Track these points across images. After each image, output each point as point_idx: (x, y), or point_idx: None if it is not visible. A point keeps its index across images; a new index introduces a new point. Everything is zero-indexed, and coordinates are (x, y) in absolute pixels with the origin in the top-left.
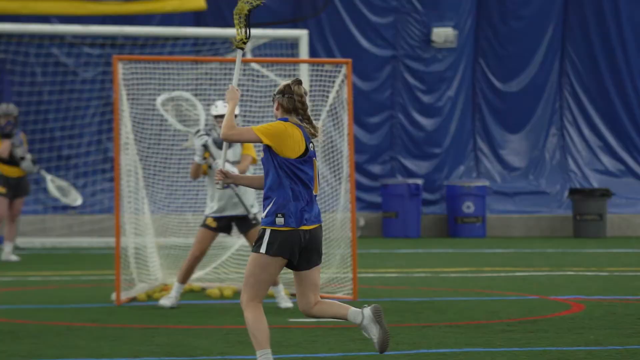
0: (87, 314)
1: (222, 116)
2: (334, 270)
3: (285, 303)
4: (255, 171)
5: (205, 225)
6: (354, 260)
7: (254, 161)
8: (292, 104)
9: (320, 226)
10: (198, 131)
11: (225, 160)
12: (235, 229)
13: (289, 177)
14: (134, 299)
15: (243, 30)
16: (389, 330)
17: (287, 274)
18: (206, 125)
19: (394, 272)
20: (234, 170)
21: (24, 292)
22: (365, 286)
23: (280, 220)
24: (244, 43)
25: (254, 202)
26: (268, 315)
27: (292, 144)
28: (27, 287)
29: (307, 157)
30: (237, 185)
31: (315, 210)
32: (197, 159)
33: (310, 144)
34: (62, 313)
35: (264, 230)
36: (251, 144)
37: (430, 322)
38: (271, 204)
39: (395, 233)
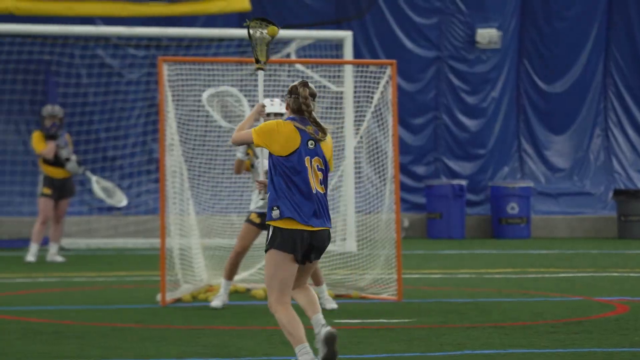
0: (132, 315)
1: (268, 114)
2: (379, 271)
3: (330, 304)
4: None
5: (248, 221)
6: (399, 261)
7: None
8: (297, 104)
9: (327, 230)
10: None
11: (263, 169)
12: None
13: (281, 174)
14: (178, 300)
15: (265, 53)
16: (336, 354)
17: (330, 274)
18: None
19: (438, 273)
20: None
21: (69, 293)
22: (409, 287)
23: (276, 212)
24: (265, 64)
25: None
26: None
27: (282, 142)
28: (72, 287)
29: (295, 154)
30: None
31: (319, 211)
32: (239, 155)
33: (309, 142)
34: (107, 314)
35: (269, 227)
36: None
37: (475, 323)
38: (270, 200)
39: (439, 234)
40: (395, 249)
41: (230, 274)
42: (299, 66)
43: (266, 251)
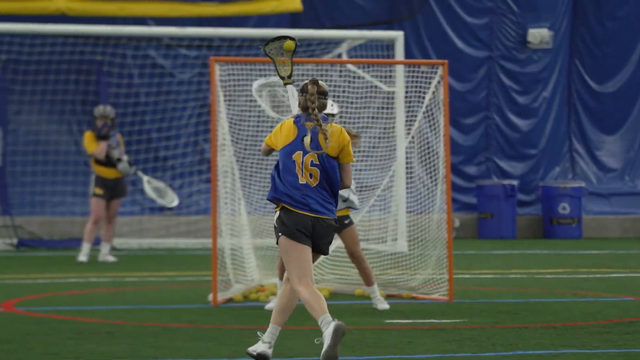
0: (184, 315)
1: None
2: (430, 271)
3: (382, 305)
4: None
5: None
6: (450, 262)
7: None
8: (305, 102)
9: (327, 219)
10: None
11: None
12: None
13: (278, 166)
14: (230, 300)
15: (288, 68)
16: (337, 351)
17: (381, 274)
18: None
19: (489, 273)
20: None
21: (121, 292)
22: (460, 287)
23: (270, 193)
24: (290, 77)
25: (348, 194)
26: (364, 316)
27: (280, 137)
28: (124, 287)
29: (288, 147)
30: None
31: (310, 202)
32: None
33: (305, 137)
34: (159, 314)
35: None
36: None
37: (526, 323)
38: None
39: (490, 234)
40: (446, 249)
41: (282, 275)
42: (350, 66)
43: (277, 240)
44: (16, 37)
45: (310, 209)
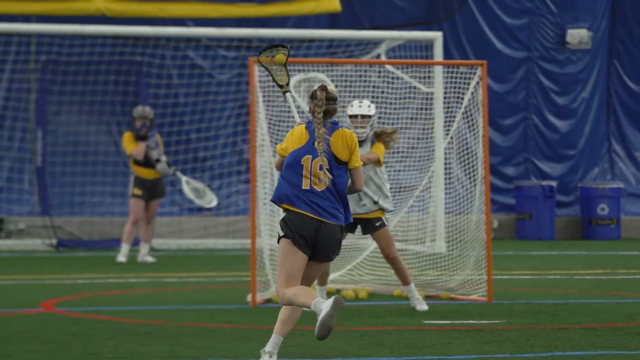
0: (223, 315)
1: (356, 116)
2: (469, 272)
3: (421, 305)
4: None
5: None
6: (489, 262)
7: (378, 163)
8: (313, 108)
9: (332, 224)
10: None
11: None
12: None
13: (285, 169)
14: (269, 300)
15: (284, 76)
16: (333, 320)
17: (420, 275)
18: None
19: (528, 274)
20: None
21: (160, 293)
22: (499, 288)
23: (275, 194)
24: (288, 85)
25: (380, 195)
26: (402, 317)
27: (291, 142)
28: (163, 288)
29: (297, 151)
30: None
31: (314, 206)
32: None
33: (315, 142)
34: (198, 314)
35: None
36: (382, 147)
37: (565, 324)
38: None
39: (529, 235)
40: (485, 250)
41: (322, 280)
42: (389, 67)
43: (278, 241)
44: (56, 38)
45: (313, 210)
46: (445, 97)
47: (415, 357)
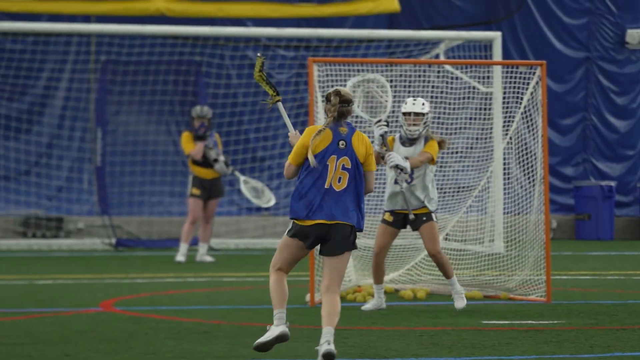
0: None
1: (409, 113)
2: (527, 272)
3: (459, 303)
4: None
5: (383, 221)
6: (548, 263)
7: (431, 161)
8: (327, 110)
9: (342, 224)
10: (379, 120)
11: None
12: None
13: (303, 171)
14: None
15: (269, 87)
16: (265, 346)
17: (479, 275)
18: (389, 116)
19: (587, 275)
20: (405, 164)
21: (219, 292)
22: (558, 288)
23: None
24: (278, 95)
25: (425, 195)
26: (461, 317)
27: (315, 143)
28: (222, 287)
29: (323, 152)
30: (406, 181)
31: (331, 206)
32: (376, 147)
33: (341, 142)
34: (257, 314)
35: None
36: (435, 144)
37: (625, 324)
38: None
39: (588, 235)
40: (544, 250)
41: (377, 278)
42: (448, 67)
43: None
44: (116, 38)
45: (326, 215)
46: (504, 97)
47: (473, 357)
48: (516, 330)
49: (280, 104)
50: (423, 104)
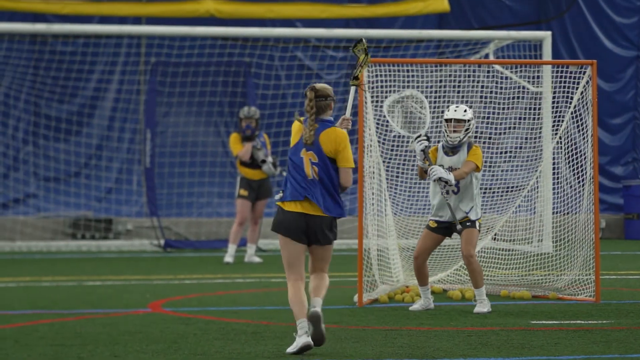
0: (330, 315)
1: (450, 120)
2: (576, 272)
3: (479, 308)
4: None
5: (427, 226)
6: (597, 262)
7: (476, 169)
8: (305, 105)
9: (324, 216)
10: (419, 136)
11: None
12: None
13: (288, 165)
14: (375, 301)
15: (359, 71)
16: (323, 332)
17: (528, 275)
18: (431, 129)
19: (636, 274)
20: (449, 177)
21: (267, 293)
22: (607, 288)
23: (279, 195)
24: (356, 79)
25: (471, 207)
26: (510, 317)
27: (292, 138)
28: (270, 288)
29: (295, 146)
30: (453, 192)
31: (315, 197)
32: (419, 163)
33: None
34: None
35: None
36: (478, 151)
37: None
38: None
39: (637, 235)
40: (593, 249)
41: (420, 280)
42: (497, 67)
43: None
44: (165, 40)
45: (302, 206)
46: (553, 97)
47: (522, 357)
48: (565, 330)
49: (353, 89)
50: (465, 111)
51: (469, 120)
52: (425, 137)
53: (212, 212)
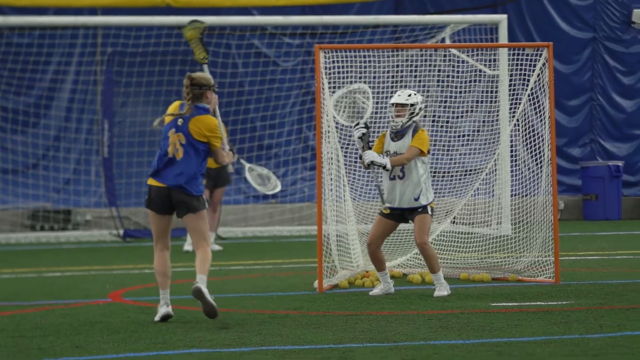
0: (290, 302)
1: (394, 104)
2: (536, 254)
3: (439, 292)
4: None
5: (380, 212)
6: (556, 244)
7: (421, 154)
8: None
9: (173, 187)
10: (357, 124)
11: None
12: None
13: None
14: (336, 287)
15: (202, 49)
16: (211, 303)
17: (488, 258)
18: (369, 119)
19: (595, 255)
20: (383, 161)
21: (227, 281)
22: (566, 269)
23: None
24: (206, 58)
25: (420, 191)
26: (470, 300)
27: (167, 117)
28: (230, 276)
29: (167, 126)
30: (398, 177)
31: (171, 171)
32: (359, 150)
33: (179, 120)
34: (265, 301)
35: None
36: (424, 135)
37: (634, 304)
38: None
39: (595, 216)
40: (552, 231)
41: (377, 266)
42: (454, 51)
43: None
44: (122, 30)
45: (165, 180)
46: (510, 80)
47: (483, 339)
48: (525, 312)
49: (206, 66)
50: (409, 95)
51: (412, 105)
52: (362, 125)
53: None
